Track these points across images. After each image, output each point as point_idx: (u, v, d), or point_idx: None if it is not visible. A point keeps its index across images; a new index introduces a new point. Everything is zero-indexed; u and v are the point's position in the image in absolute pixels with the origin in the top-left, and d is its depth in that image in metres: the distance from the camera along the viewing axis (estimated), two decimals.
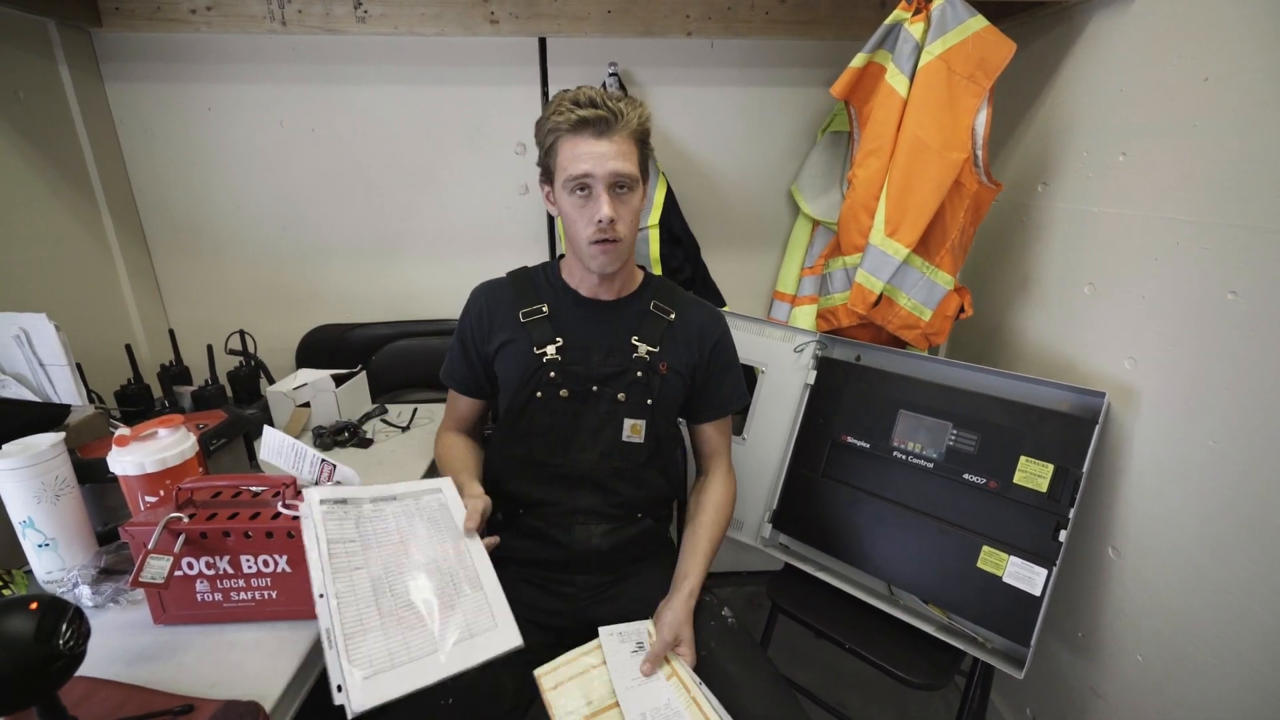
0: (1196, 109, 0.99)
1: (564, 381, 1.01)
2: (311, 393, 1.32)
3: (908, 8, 1.20)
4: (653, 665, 0.90)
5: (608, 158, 0.91)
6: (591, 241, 0.95)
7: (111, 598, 0.81)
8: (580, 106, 0.90)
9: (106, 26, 1.41)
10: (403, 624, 0.71)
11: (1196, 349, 0.99)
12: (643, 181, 0.98)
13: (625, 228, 0.96)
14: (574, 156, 0.92)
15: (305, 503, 0.75)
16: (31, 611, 0.52)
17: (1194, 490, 1.01)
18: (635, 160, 0.95)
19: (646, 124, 0.96)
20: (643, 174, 0.97)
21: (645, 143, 0.98)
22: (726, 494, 1.12)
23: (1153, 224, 1.06)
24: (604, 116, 0.90)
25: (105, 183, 1.48)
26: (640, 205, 0.98)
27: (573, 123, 0.91)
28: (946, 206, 1.24)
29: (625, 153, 0.93)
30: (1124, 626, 1.14)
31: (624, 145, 0.93)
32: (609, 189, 0.93)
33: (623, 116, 0.92)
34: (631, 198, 0.96)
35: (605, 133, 0.91)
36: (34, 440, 0.81)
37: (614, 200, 0.93)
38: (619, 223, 0.94)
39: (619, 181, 0.93)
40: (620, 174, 0.92)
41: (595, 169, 0.91)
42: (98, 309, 1.49)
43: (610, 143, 0.91)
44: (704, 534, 1.06)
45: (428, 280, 1.72)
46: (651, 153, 1.01)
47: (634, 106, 0.94)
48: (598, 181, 0.92)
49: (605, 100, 0.91)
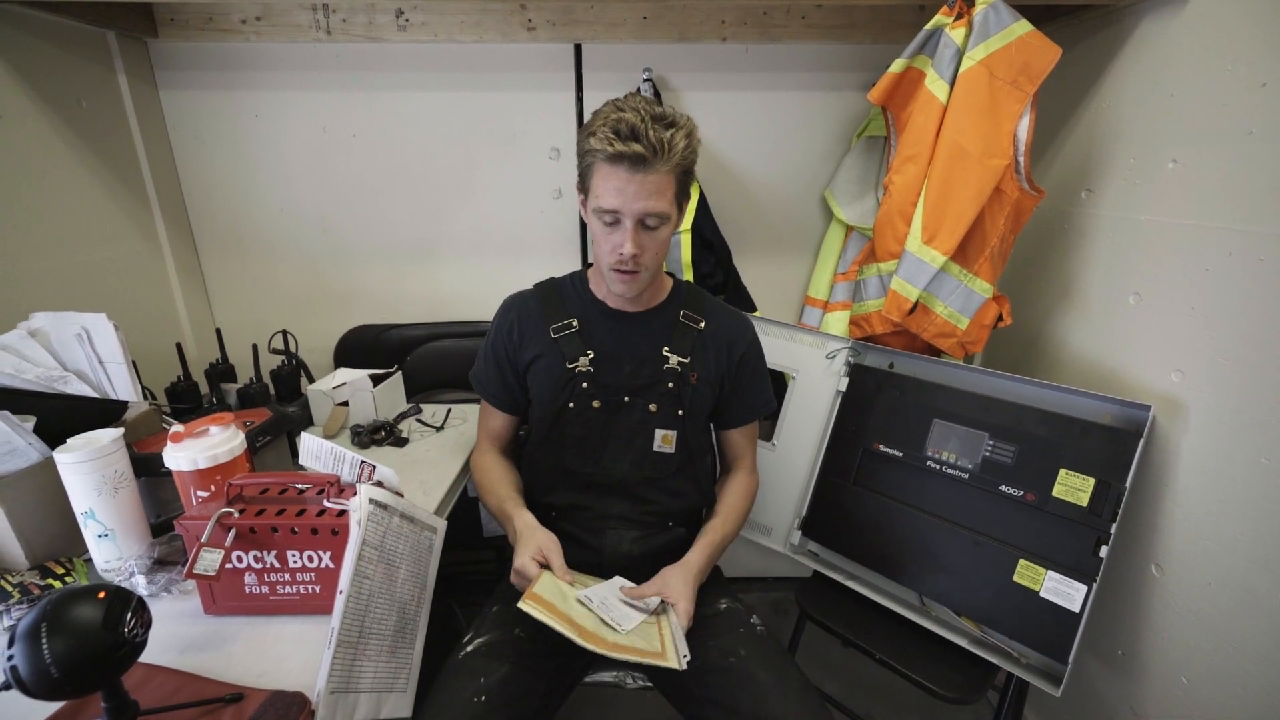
0: (1252, 115, 0.96)
1: (596, 393, 1.02)
2: (350, 392, 1.35)
3: (949, 13, 1.18)
4: (634, 595, 0.94)
5: (639, 197, 0.88)
6: (612, 268, 0.95)
7: (165, 587, 0.85)
8: (620, 139, 0.86)
9: (162, 36, 1.46)
10: (365, 650, 0.74)
11: (1249, 362, 0.96)
12: (679, 209, 0.95)
13: (650, 259, 0.95)
14: (605, 189, 0.90)
15: (359, 497, 0.77)
16: (100, 600, 0.55)
17: (1244, 508, 0.97)
18: (671, 195, 0.91)
19: (692, 155, 0.92)
20: (681, 199, 0.95)
21: (687, 171, 0.94)
22: (744, 492, 1.12)
23: (1204, 233, 1.03)
24: (642, 154, 0.86)
25: (158, 187, 1.54)
26: (670, 235, 0.96)
27: (609, 155, 0.87)
28: (986, 213, 1.22)
29: (660, 189, 0.89)
30: (1167, 646, 1.11)
31: (661, 181, 0.89)
32: (636, 225, 0.91)
33: (664, 152, 0.87)
34: (661, 231, 0.93)
35: (641, 168, 0.87)
36: (95, 435, 0.85)
37: (640, 235, 0.92)
38: (643, 256, 0.93)
39: (647, 220, 0.92)
40: (650, 213, 0.90)
41: (624, 207, 0.89)
42: (150, 309, 1.55)
43: (646, 177, 0.88)
44: (716, 524, 1.06)
45: (462, 283, 1.75)
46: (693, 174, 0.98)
47: (681, 135, 0.89)
48: (626, 218, 0.91)
49: (648, 133, 0.86)
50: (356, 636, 0.73)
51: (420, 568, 0.87)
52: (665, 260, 1.07)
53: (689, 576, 0.96)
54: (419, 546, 0.87)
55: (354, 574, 0.73)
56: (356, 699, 0.72)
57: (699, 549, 1.02)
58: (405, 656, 0.81)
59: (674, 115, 0.91)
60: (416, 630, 0.85)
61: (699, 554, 1.01)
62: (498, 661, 0.91)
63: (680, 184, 0.93)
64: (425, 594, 0.88)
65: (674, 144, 0.88)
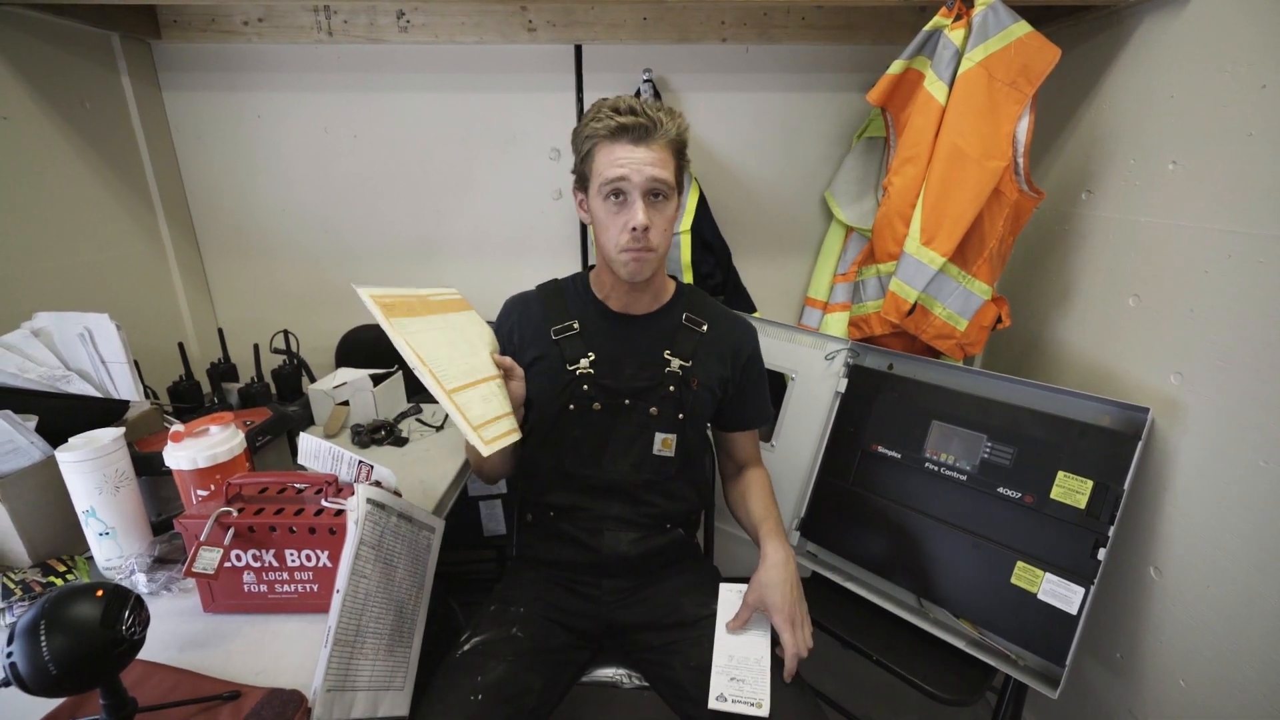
0: (1253, 117, 0.96)
1: (596, 395, 1.02)
2: (350, 391, 1.36)
3: (948, 14, 1.18)
4: (737, 623, 0.96)
5: (645, 164, 0.91)
6: (623, 249, 0.95)
7: (165, 585, 0.85)
8: (620, 114, 0.91)
9: (165, 38, 1.48)
10: (362, 649, 0.74)
11: (1248, 365, 0.96)
12: (678, 192, 0.98)
13: (659, 236, 0.95)
14: (611, 162, 0.92)
15: (356, 497, 0.78)
16: (98, 599, 0.55)
17: (1243, 511, 0.97)
18: (672, 169, 0.95)
19: (684, 135, 0.96)
20: (678, 185, 0.97)
21: (682, 154, 0.98)
22: (769, 485, 1.14)
23: (1204, 235, 1.03)
24: (643, 124, 0.91)
25: (161, 188, 1.55)
26: (674, 215, 0.99)
27: (612, 129, 0.91)
28: (985, 215, 1.22)
29: (663, 160, 0.93)
30: (1166, 649, 1.11)
31: (662, 153, 0.93)
32: (644, 195, 0.92)
33: (662, 125, 0.92)
34: (667, 206, 0.96)
35: (643, 139, 0.91)
36: (97, 434, 0.85)
37: (649, 207, 0.93)
38: (653, 230, 0.94)
39: (655, 189, 0.93)
40: (657, 180, 0.92)
41: (632, 174, 0.91)
42: (153, 308, 1.56)
43: (648, 150, 0.92)
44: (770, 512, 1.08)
45: (463, 283, 1.73)
46: (687, 164, 1.01)
47: (673, 117, 0.94)
48: (634, 188, 0.92)
49: (645, 108, 0.91)
50: (353, 635, 0.74)
51: (418, 567, 0.87)
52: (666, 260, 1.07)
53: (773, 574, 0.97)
54: (417, 546, 0.87)
55: (351, 573, 0.74)
56: (353, 697, 0.72)
57: (776, 539, 1.01)
58: (403, 655, 0.82)
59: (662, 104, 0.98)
60: (414, 629, 0.85)
61: (778, 545, 1.00)
62: (495, 660, 0.92)
63: (677, 163, 0.97)
64: (423, 593, 0.88)
65: (669, 120, 0.93)
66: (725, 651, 0.95)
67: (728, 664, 0.93)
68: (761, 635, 0.97)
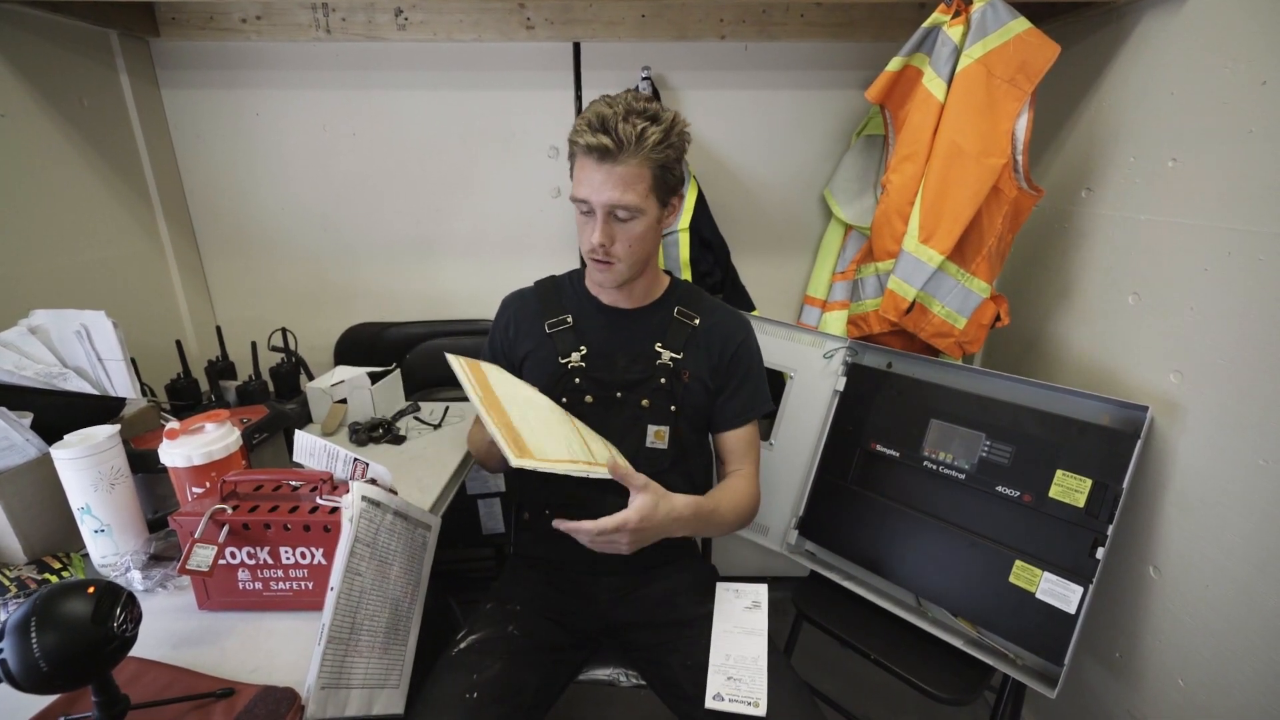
0: (1253, 114, 0.95)
1: (589, 388, 1.02)
2: (348, 389, 1.35)
3: (946, 10, 1.18)
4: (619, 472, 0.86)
5: (606, 187, 0.90)
6: (587, 256, 0.97)
7: (160, 583, 0.85)
8: (591, 131, 0.89)
9: (163, 36, 1.47)
10: (357, 647, 0.74)
11: (1248, 363, 0.95)
12: (659, 203, 0.95)
13: (622, 250, 0.95)
14: (581, 179, 0.93)
15: (351, 494, 0.78)
16: (89, 595, 0.55)
17: (1243, 510, 0.97)
18: (643, 188, 0.91)
19: (669, 150, 0.92)
20: (662, 193, 0.95)
21: (666, 165, 0.93)
22: (738, 489, 1.05)
23: (1204, 233, 1.02)
24: (607, 146, 0.87)
25: (160, 185, 1.55)
26: (649, 228, 0.96)
27: (583, 146, 0.90)
28: (984, 213, 1.21)
29: (628, 181, 0.90)
30: (1165, 649, 1.10)
31: (629, 173, 0.90)
32: (606, 215, 0.92)
33: (629, 145, 0.88)
34: (633, 224, 0.94)
35: (607, 159, 0.89)
36: (92, 432, 0.85)
37: (609, 226, 0.93)
38: (613, 247, 0.94)
39: (616, 212, 0.92)
40: (616, 205, 0.91)
41: (592, 197, 0.91)
42: (151, 306, 1.56)
43: (612, 171, 0.89)
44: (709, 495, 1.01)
45: (461, 281, 1.75)
46: (683, 166, 0.99)
47: (657, 129, 0.89)
48: (596, 207, 0.92)
49: (618, 126, 0.87)
50: (348, 633, 0.74)
51: (414, 565, 0.87)
52: (660, 257, 1.07)
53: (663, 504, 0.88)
54: (413, 544, 0.87)
55: (345, 571, 0.74)
56: (347, 694, 0.72)
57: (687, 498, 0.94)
58: (398, 653, 0.82)
59: (656, 110, 0.91)
60: (410, 627, 0.85)
61: (679, 502, 0.92)
62: (490, 658, 0.92)
63: (658, 178, 0.93)
64: (419, 591, 0.88)
65: (645, 137, 0.88)
66: (722, 650, 0.95)
67: (724, 663, 0.93)
68: (759, 635, 0.97)
